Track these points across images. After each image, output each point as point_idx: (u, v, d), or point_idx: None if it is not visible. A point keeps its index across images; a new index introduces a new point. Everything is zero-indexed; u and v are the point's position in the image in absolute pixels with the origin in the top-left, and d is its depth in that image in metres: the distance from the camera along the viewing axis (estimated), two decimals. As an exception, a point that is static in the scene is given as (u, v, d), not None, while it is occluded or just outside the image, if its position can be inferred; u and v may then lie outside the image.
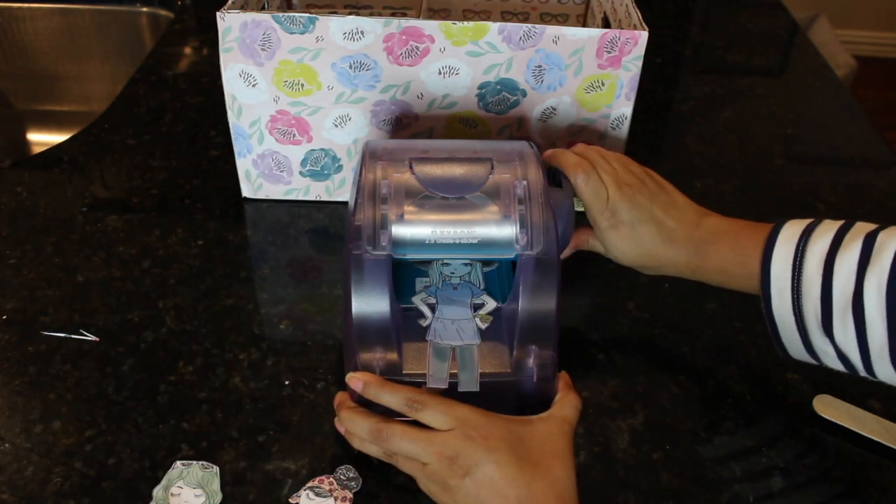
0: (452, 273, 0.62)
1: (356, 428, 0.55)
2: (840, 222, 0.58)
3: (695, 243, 0.64)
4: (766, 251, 0.59)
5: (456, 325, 0.59)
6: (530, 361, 0.56)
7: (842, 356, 0.57)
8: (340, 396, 0.57)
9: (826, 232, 0.58)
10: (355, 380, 0.55)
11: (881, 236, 0.55)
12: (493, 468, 0.50)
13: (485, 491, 0.50)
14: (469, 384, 0.55)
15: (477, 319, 0.59)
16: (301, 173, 0.84)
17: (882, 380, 0.56)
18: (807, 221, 0.60)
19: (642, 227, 0.64)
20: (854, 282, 0.55)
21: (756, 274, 0.60)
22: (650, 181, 0.66)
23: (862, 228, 0.57)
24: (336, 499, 0.59)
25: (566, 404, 0.55)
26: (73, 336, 0.71)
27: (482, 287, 0.61)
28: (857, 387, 0.69)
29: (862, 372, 0.57)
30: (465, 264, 0.62)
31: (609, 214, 0.64)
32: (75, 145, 0.95)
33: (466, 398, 0.53)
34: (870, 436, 0.64)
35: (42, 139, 1.33)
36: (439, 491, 0.52)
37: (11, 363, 0.68)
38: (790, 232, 0.59)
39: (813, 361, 0.61)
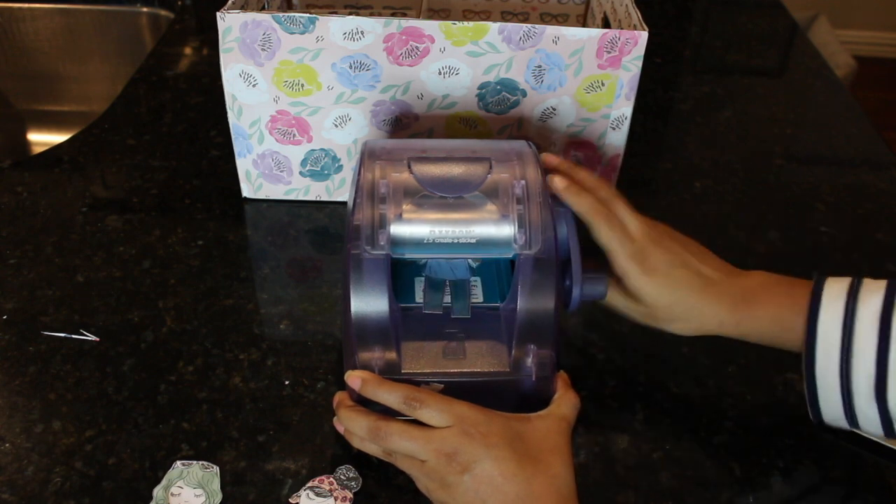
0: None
1: (355, 426, 0.55)
2: (884, 282, 0.56)
3: (737, 294, 0.60)
4: (811, 309, 0.56)
5: (449, 263, 0.63)
6: (529, 361, 0.56)
7: (886, 421, 0.55)
8: (339, 396, 0.57)
9: (875, 291, 0.55)
10: (354, 378, 0.55)
11: None
12: (492, 465, 0.50)
13: (484, 487, 0.50)
14: (462, 312, 0.59)
15: (469, 259, 0.62)
16: (301, 173, 0.84)
17: None
18: (848, 280, 0.57)
19: (678, 272, 0.59)
20: None
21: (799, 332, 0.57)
22: (671, 229, 0.62)
23: None
24: (336, 499, 0.59)
25: (564, 403, 0.55)
26: (73, 336, 0.71)
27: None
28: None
29: None
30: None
31: (641, 259, 0.59)
32: (75, 145, 0.95)
33: (464, 397, 0.53)
34: (869, 436, 0.64)
35: (42, 139, 1.33)
36: (438, 488, 0.52)
37: (11, 363, 0.68)
38: (835, 290, 0.57)
39: (845, 426, 0.58)
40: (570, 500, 0.51)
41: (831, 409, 0.58)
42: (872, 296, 0.55)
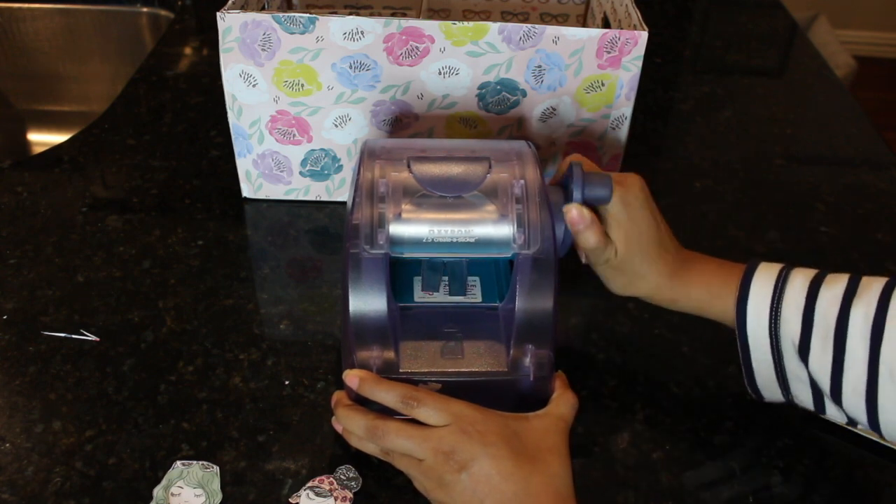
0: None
1: (352, 425, 0.55)
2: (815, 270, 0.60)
3: (679, 263, 0.63)
4: (745, 276, 0.60)
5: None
6: (527, 361, 0.56)
7: (814, 383, 0.58)
8: (337, 395, 0.57)
9: (807, 270, 0.59)
10: (351, 377, 0.55)
11: (866, 278, 0.57)
12: (489, 463, 0.50)
13: (482, 486, 0.50)
14: (458, 290, 0.61)
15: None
16: (301, 173, 0.84)
17: (846, 411, 0.57)
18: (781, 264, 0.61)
19: (650, 218, 0.61)
20: (839, 309, 0.55)
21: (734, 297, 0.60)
22: None
23: (844, 273, 0.58)
24: (336, 499, 0.59)
25: (562, 403, 0.55)
26: (73, 336, 0.71)
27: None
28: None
29: (830, 403, 0.58)
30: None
31: (623, 192, 0.61)
32: (75, 145, 0.95)
33: (462, 396, 0.53)
34: (869, 435, 0.64)
35: (42, 139, 1.33)
36: (435, 487, 0.52)
37: (11, 363, 0.68)
38: (769, 265, 0.60)
39: (781, 398, 0.61)
40: (568, 499, 0.51)
41: (764, 372, 0.60)
42: (804, 272, 0.59)
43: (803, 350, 0.57)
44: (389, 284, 0.57)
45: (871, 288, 0.55)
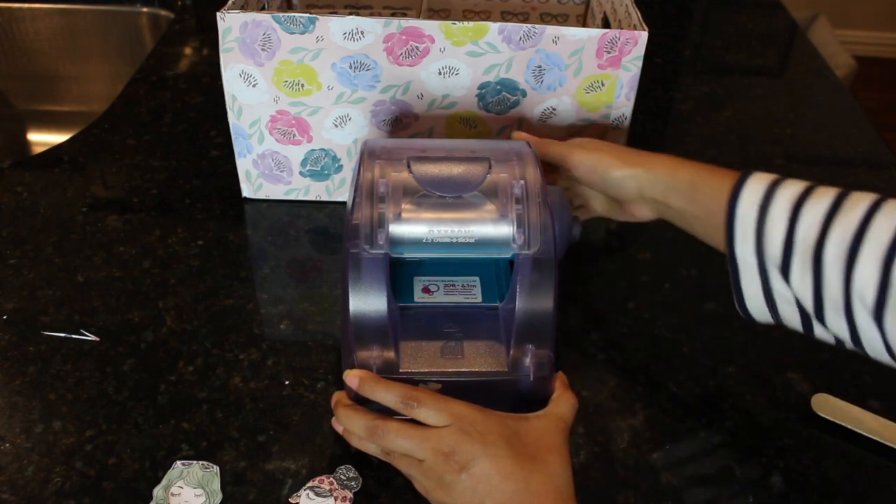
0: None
1: (353, 425, 0.55)
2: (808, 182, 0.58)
3: (653, 159, 0.65)
4: (733, 191, 0.59)
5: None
6: (527, 361, 0.56)
7: (799, 303, 0.57)
8: (337, 395, 0.57)
9: (798, 183, 0.58)
10: (351, 376, 0.55)
11: (854, 195, 0.55)
12: (490, 463, 0.50)
13: (482, 486, 0.50)
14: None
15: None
16: (301, 173, 0.84)
17: (832, 331, 0.56)
18: (776, 175, 0.60)
19: (601, 146, 0.68)
20: (819, 229, 0.54)
21: (722, 217, 0.60)
22: None
23: (834, 188, 0.57)
24: (336, 499, 0.59)
25: (562, 403, 0.55)
26: (73, 336, 0.71)
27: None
28: (856, 387, 0.69)
29: (817, 324, 0.57)
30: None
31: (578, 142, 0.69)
32: (75, 145, 0.95)
33: (462, 396, 0.53)
34: (869, 435, 0.64)
35: (42, 139, 1.33)
36: (435, 488, 0.52)
37: (11, 363, 0.68)
38: (760, 177, 0.59)
39: (770, 319, 0.60)
40: (568, 499, 0.51)
41: (753, 293, 0.59)
42: (795, 184, 0.57)
43: (785, 271, 0.56)
44: (389, 284, 0.57)
45: (856, 207, 0.54)
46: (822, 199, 0.55)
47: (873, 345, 0.54)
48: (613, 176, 0.66)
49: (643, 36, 0.75)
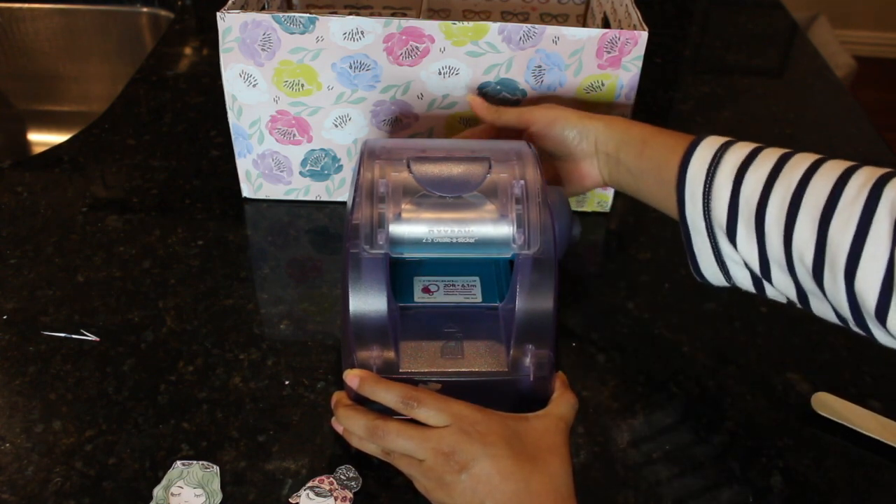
0: None
1: (353, 425, 0.55)
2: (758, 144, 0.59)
3: (612, 119, 0.67)
4: (685, 153, 0.60)
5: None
6: (527, 361, 0.56)
7: (747, 265, 0.58)
8: (337, 396, 0.57)
9: (746, 146, 0.59)
10: (352, 376, 0.55)
11: (796, 157, 0.56)
12: (490, 463, 0.50)
13: (482, 486, 0.50)
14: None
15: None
16: (301, 173, 0.84)
17: (777, 287, 0.57)
18: (729, 138, 0.61)
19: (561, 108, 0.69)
20: (760, 192, 0.55)
21: (673, 179, 0.61)
22: None
23: (780, 149, 0.58)
24: (336, 499, 0.59)
25: (562, 403, 0.55)
26: (73, 336, 0.71)
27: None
28: (856, 387, 0.69)
29: (766, 285, 0.58)
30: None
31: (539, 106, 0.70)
32: (75, 145, 0.95)
33: (462, 397, 0.53)
34: (869, 434, 0.64)
35: (42, 139, 1.33)
36: (436, 488, 0.52)
37: (11, 363, 0.68)
38: (711, 141, 0.60)
39: (724, 282, 0.61)
40: (568, 499, 0.51)
41: (705, 257, 0.60)
42: (742, 148, 0.59)
43: (731, 235, 0.57)
44: (389, 284, 0.57)
45: (796, 168, 0.55)
46: (766, 161, 0.56)
47: (817, 304, 0.55)
48: (572, 129, 0.68)
49: (643, 36, 0.75)
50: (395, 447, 0.53)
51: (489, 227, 0.57)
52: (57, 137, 1.03)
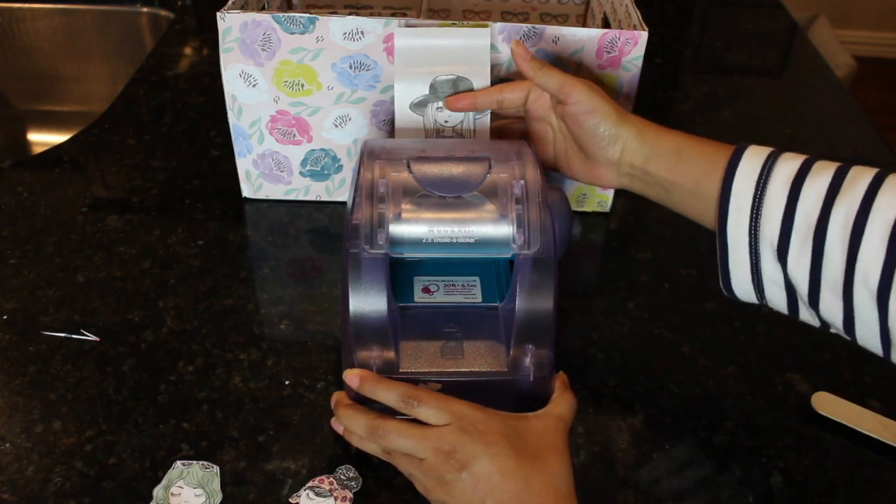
0: None
1: (353, 425, 0.55)
2: (804, 156, 0.57)
3: (646, 125, 0.64)
4: (729, 165, 0.58)
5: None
6: (527, 361, 0.56)
7: (789, 285, 0.56)
8: (337, 395, 0.57)
9: (795, 157, 0.57)
10: (352, 376, 0.55)
11: (854, 170, 0.54)
12: (490, 462, 0.50)
13: (482, 485, 0.50)
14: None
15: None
16: (301, 173, 0.84)
17: (822, 315, 0.55)
18: (770, 148, 0.59)
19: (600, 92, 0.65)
20: (820, 209, 0.53)
21: (713, 192, 0.58)
22: None
23: (832, 163, 0.56)
24: (336, 499, 0.59)
25: (562, 403, 0.55)
26: (73, 336, 0.71)
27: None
28: (856, 387, 0.69)
29: (804, 307, 0.56)
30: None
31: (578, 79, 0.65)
32: (75, 145, 0.95)
33: (462, 396, 0.53)
34: (869, 433, 0.64)
35: (42, 139, 1.33)
36: (436, 487, 0.52)
37: (11, 363, 0.68)
38: (755, 151, 0.58)
39: (755, 299, 0.59)
40: (568, 498, 0.51)
41: (739, 272, 0.58)
42: (792, 160, 0.56)
43: (782, 252, 0.55)
44: (389, 284, 0.57)
45: (857, 183, 0.53)
46: (822, 173, 0.54)
47: (866, 330, 0.53)
48: (607, 128, 0.63)
49: (643, 36, 0.75)
50: (395, 446, 0.53)
51: (489, 227, 0.57)
52: (57, 137, 1.03)
